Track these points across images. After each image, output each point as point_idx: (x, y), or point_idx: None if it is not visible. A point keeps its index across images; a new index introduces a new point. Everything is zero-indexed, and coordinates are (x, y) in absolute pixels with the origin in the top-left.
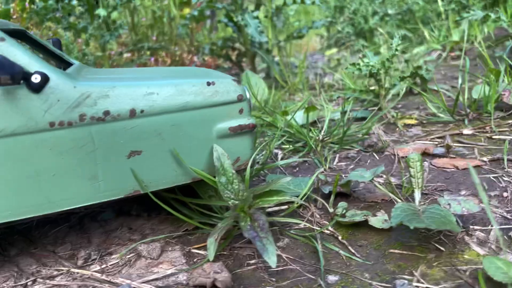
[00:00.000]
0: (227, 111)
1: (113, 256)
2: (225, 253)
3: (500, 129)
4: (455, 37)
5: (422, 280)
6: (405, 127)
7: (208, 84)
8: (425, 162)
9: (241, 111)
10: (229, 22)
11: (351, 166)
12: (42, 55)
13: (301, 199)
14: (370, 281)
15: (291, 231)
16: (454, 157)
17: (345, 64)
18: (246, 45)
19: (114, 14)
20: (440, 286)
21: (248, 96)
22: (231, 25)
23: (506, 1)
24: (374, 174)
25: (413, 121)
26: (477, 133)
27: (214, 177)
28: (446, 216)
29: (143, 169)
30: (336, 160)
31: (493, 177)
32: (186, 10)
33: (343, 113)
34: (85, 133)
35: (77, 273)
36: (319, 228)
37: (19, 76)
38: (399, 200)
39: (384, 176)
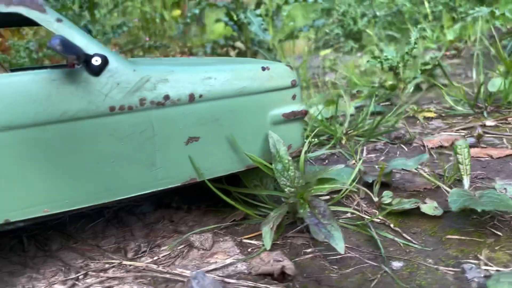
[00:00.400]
0: (281, 97)
1: (163, 248)
2: (278, 242)
3: None
4: (450, 36)
5: (490, 264)
6: (426, 120)
7: (263, 69)
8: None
9: (293, 97)
10: (229, 21)
11: (382, 158)
12: None
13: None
14: (436, 266)
15: (340, 220)
16: (485, 147)
17: (340, 64)
18: (247, 44)
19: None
20: (510, 268)
21: (299, 82)
22: (231, 24)
23: (491, 3)
24: (418, 162)
25: (432, 114)
26: (500, 124)
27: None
28: (505, 200)
29: (200, 156)
30: (365, 152)
31: None
32: (177, 12)
33: (358, 107)
34: (145, 118)
35: (130, 265)
36: (368, 217)
37: (83, 58)
38: (446, 188)
39: (419, 166)
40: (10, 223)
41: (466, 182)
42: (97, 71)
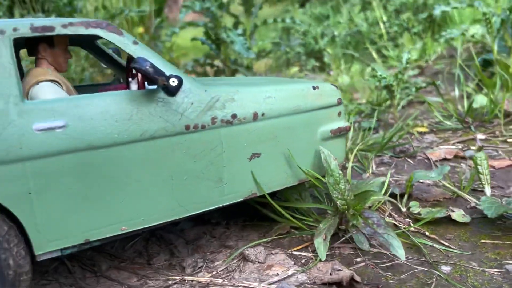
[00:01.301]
0: (329, 114)
1: (217, 263)
2: (327, 253)
3: (510, 133)
4: (414, 55)
5: None
6: (420, 135)
7: (314, 88)
8: (462, 164)
9: (339, 114)
10: (206, 39)
11: (393, 170)
12: (106, 64)
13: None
14: (481, 269)
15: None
16: (491, 159)
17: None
18: (227, 62)
19: None
20: None
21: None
22: (208, 43)
23: (440, 26)
24: (441, 174)
25: (425, 129)
26: (490, 138)
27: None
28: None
29: (260, 171)
30: (374, 166)
31: None
32: (140, 29)
33: (354, 123)
34: (215, 136)
35: (192, 280)
36: (405, 226)
37: (167, 79)
38: (468, 197)
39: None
40: (89, 242)
41: (487, 190)
42: (174, 92)
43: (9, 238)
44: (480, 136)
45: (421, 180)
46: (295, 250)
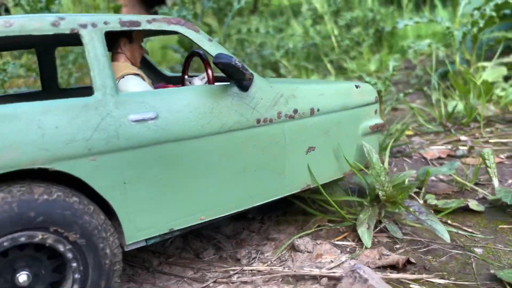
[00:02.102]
0: (368, 111)
1: (267, 254)
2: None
3: (489, 135)
4: (372, 67)
5: None
6: (408, 137)
7: (356, 87)
8: (457, 162)
9: (375, 112)
10: (180, 48)
11: (395, 169)
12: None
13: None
14: (508, 249)
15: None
16: (475, 157)
17: None
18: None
19: None
20: None
21: None
22: (181, 51)
23: (388, 40)
24: (453, 168)
25: (411, 132)
26: (471, 139)
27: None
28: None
29: (314, 164)
30: None
31: None
32: None
33: None
34: (280, 129)
35: (252, 270)
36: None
37: (251, 74)
38: (478, 189)
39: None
40: (171, 232)
41: (495, 182)
42: (247, 87)
43: (106, 227)
44: (463, 138)
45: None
46: (337, 240)
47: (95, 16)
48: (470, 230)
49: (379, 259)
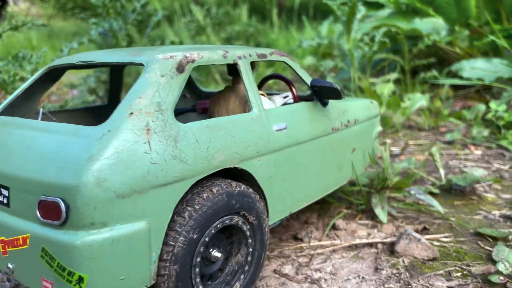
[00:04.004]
0: (376, 121)
1: (315, 234)
2: (378, 220)
3: (407, 138)
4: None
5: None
6: None
7: (371, 102)
8: (413, 158)
9: (378, 121)
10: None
11: None
12: None
13: None
14: (469, 216)
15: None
16: (410, 154)
17: None
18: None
19: None
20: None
21: None
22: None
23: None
24: (411, 163)
25: None
26: (395, 141)
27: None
28: (472, 177)
29: (354, 161)
30: None
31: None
32: None
33: None
34: (341, 135)
35: (318, 245)
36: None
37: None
38: (431, 179)
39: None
40: (290, 214)
41: (442, 172)
42: (326, 104)
43: (264, 211)
44: (388, 140)
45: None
46: (358, 220)
47: (244, 50)
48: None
49: (396, 229)
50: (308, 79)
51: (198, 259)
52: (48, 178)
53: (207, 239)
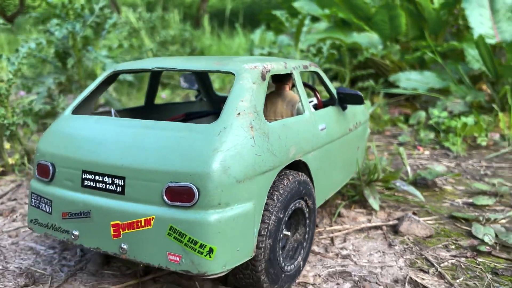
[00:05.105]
0: (367, 124)
1: (324, 220)
2: (369, 208)
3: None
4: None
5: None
6: None
7: (364, 107)
8: (384, 157)
9: (368, 124)
10: (58, 62)
11: None
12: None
13: None
14: (439, 204)
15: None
16: (372, 154)
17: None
18: (81, 80)
19: None
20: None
21: None
22: (54, 61)
23: None
24: (383, 161)
25: None
26: None
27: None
28: (436, 172)
29: (358, 158)
30: None
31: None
32: None
33: None
34: (353, 135)
35: (332, 229)
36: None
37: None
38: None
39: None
40: (326, 201)
41: (409, 168)
42: (345, 108)
43: (315, 197)
44: None
45: None
46: (354, 209)
47: (294, 62)
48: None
49: (388, 215)
50: (333, 87)
51: (281, 235)
52: (175, 168)
53: (286, 218)
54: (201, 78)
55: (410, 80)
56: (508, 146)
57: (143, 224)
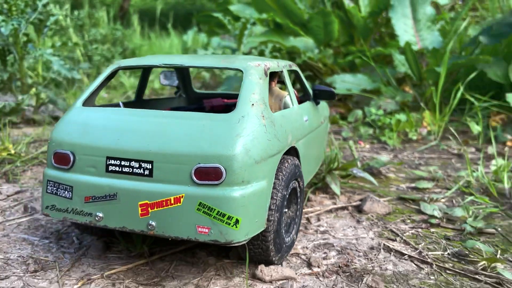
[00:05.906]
0: (328, 119)
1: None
2: (330, 193)
3: None
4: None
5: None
6: None
7: (328, 104)
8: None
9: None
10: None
11: None
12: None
13: None
14: (390, 189)
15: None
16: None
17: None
18: (23, 79)
19: None
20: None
21: None
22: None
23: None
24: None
25: None
26: None
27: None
28: (382, 162)
29: (324, 149)
30: None
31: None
32: None
33: None
34: (323, 127)
35: (306, 211)
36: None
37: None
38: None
39: None
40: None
41: (358, 163)
42: (318, 103)
43: (302, 176)
44: None
45: None
46: (319, 195)
47: (284, 62)
48: (362, 183)
49: (349, 198)
50: (308, 85)
51: (285, 210)
52: (203, 151)
53: (287, 196)
54: (182, 76)
55: (345, 82)
56: (434, 140)
57: (172, 202)
